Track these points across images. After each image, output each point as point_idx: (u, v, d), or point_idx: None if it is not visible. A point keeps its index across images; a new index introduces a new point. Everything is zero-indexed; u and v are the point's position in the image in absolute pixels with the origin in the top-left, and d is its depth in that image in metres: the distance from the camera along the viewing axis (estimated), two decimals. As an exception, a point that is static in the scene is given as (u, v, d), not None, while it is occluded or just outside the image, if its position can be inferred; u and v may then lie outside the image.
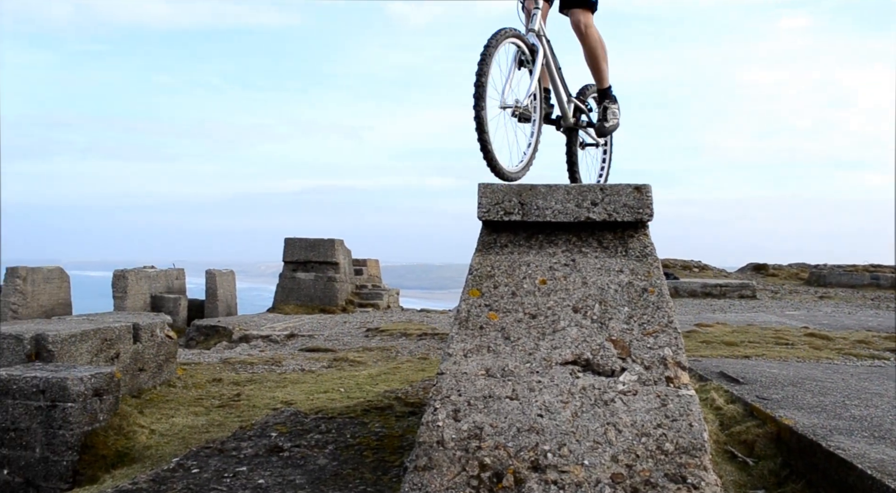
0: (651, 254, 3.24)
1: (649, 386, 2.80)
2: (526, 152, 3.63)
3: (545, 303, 3.11)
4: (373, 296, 17.77)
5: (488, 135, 3.29)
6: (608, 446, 2.63)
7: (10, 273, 14.54)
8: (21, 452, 4.74)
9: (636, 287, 3.12)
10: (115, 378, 5.12)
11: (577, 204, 3.26)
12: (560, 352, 2.94)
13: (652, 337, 2.96)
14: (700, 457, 2.59)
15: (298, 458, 3.74)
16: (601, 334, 2.98)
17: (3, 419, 4.77)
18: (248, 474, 3.49)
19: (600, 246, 3.29)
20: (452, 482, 2.56)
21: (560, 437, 2.66)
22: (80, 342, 5.66)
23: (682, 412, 2.71)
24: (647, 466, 2.56)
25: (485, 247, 3.37)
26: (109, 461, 4.65)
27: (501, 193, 3.33)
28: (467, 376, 2.88)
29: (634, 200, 3.23)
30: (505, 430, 2.69)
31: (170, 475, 3.51)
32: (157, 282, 16.97)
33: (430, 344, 9.60)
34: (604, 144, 4.63)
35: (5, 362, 5.30)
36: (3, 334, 5.42)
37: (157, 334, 6.62)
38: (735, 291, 15.41)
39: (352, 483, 3.34)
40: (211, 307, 17.43)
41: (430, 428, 2.71)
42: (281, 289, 16.70)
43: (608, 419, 2.71)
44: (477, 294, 3.18)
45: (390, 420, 4.52)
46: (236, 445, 3.99)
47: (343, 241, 17.33)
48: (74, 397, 4.72)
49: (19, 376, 4.82)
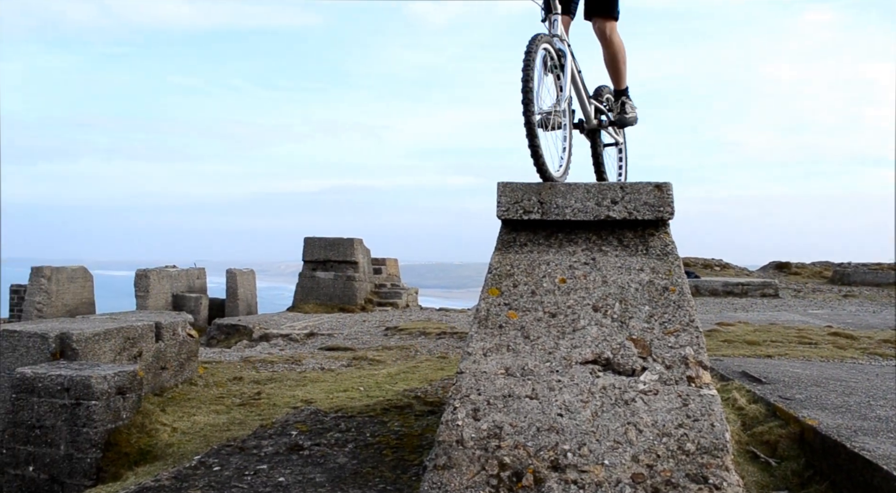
0: (672, 252, 3.22)
1: (670, 386, 2.78)
2: (563, 156, 3.62)
3: (565, 302, 3.10)
4: (392, 295, 17.81)
5: (539, 139, 3.23)
6: (628, 445, 2.61)
7: (35, 273, 14.76)
8: (46, 449, 4.81)
9: (657, 286, 3.10)
10: (137, 377, 5.18)
11: (597, 202, 3.24)
12: (580, 351, 2.92)
13: (673, 336, 2.93)
14: (722, 457, 2.56)
15: (318, 456, 3.75)
16: (621, 333, 2.96)
17: (29, 417, 4.84)
18: (268, 472, 3.52)
19: (620, 245, 3.27)
20: (472, 481, 2.56)
21: (580, 436, 2.64)
22: (104, 341, 5.73)
23: (703, 412, 2.68)
24: (668, 466, 2.54)
25: (504, 246, 3.37)
26: (132, 459, 4.70)
27: (521, 191, 3.32)
28: (487, 375, 2.88)
29: (655, 199, 3.21)
30: (524, 429, 2.68)
31: (192, 472, 3.54)
32: (178, 281, 17.14)
33: (449, 343, 9.61)
34: (621, 142, 4.67)
35: (31, 361, 5.37)
36: (29, 332, 5.50)
37: (179, 333, 6.68)
38: (757, 289, 15.25)
39: (371, 482, 3.35)
40: (231, 306, 17.57)
41: (450, 427, 2.71)
42: (300, 288, 16.79)
43: (629, 418, 2.69)
44: (496, 293, 3.17)
45: (409, 419, 4.53)
46: (257, 443, 4.01)
47: (362, 240, 17.39)
48: (98, 396, 4.78)
49: (44, 374, 4.89)
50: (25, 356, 5.42)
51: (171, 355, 6.50)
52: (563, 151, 3.61)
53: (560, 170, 3.55)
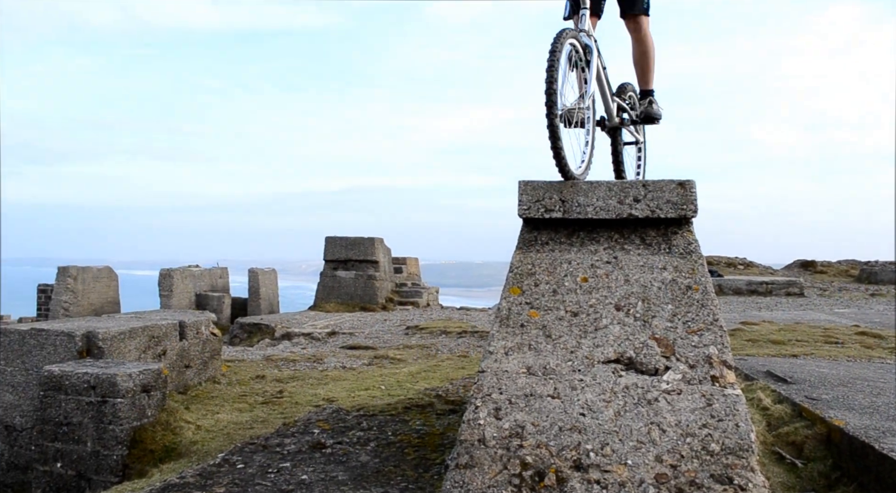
0: (695, 251, 3.19)
1: (694, 385, 2.76)
2: (585, 151, 3.58)
3: (587, 301, 3.08)
4: (412, 294, 17.85)
5: (562, 142, 3.20)
6: (652, 445, 2.59)
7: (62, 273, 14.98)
8: (73, 446, 4.88)
9: (680, 285, 3.07)
10: (162, 375, 5.24)
11: (620, 201, 3.22)
12: (602, 350, 2.91)
13: (696, 335, 2.91)
14: (747, 458, 2.53)
15: (341, 455, 3.77)
16: (644, 332, 2.94)
17: (57, 414, 4.92)
18: (291, 470, 3.54)
19: (643, 243, 3.25)
20: (494, 480, 2.55)
21: (603, 436, 2.63)
22: (129, 339, 5.80)
23: (728, 412, 2.66)
24: (693, 466, 2.52)
25: (525, 244, 3.36)
26: (157, 456, 4.76)
27: (542, 190, 3.30)
28: (508, 374, 2.87)
29: (678, 197, 3.18)
30: (546, 429, 2.67)
31: (216, 469, 3.57)
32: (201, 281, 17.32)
33: (470, 342, 9.60)
34: (641, 141, 4.65)
35: (58, 359, 5.46)
36: (56, 331, 5.59)
37: (203, 332, 6.75)
38: (782, 288, 15.07)
39: (394, 480, 3.35)
40: (254, 305, 17.72)
41: (472, 426, 2.71)
42: (322, 287, 16.88)
43: (652, 418, 2.67)
44: (518, 292, 3.16)
45: (431, 418, 4.53)
46: (280, 441, 4.04)
47: (383, 239, 17.44)
48: (124, 393, 4.84)
49: (71, 372, 4.96)
50: (53, 355, 5.50)
51: (195, 353, 6.57)
52: (585, 146, 3.58)
53: (581, 167, 3.52)
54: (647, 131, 4.66)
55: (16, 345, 5.62)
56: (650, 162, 4.73)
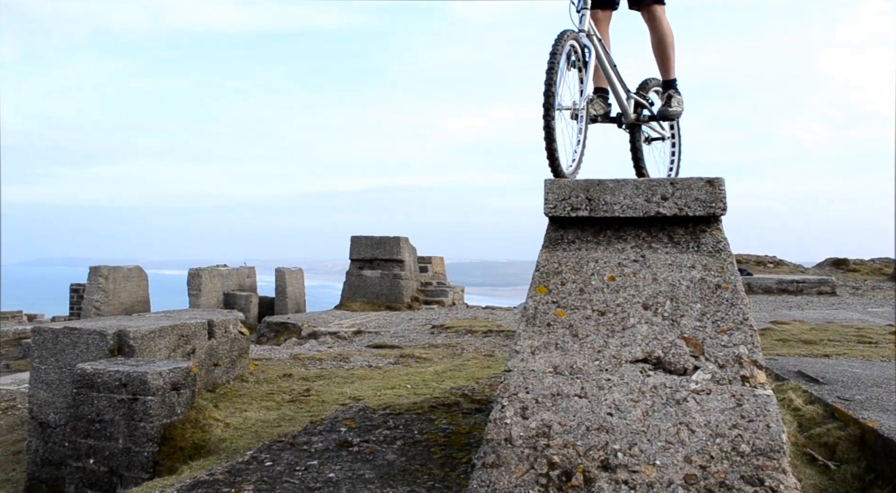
0: (724, 249, 3.15)
1: (724, 385, 2.72)
2: (577, 150, 3.63)
3: (614, 300, 3.06)
4: (438, 293, 17.87)
5: (556, 143, 3.32)
6: (681, 446, 2.57)
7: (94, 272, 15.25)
8: (105, 442, 4.96)
9: (709, 283, 3.03)
10: (191, 373, 5.30)
11: (647, 199, 3.19)
12: (630, 350, 2.88)
13: (726, 335, 2.87)
14: (778, 459, 2.50)
15: (367, 453, 3.79)
16: (672, 331, 2.91)
17: (89, 411, 5.01)
18: (318, 467, 3.56)
19: (671, 241, 3.22)
20: (521, 479, 2.54)
21: (630, 436, 2.61)
22: (159, 338, 5.88)
23: (758, 413, 2.62)
24: (722, 467, 2.49)
25: (551, 243, 3.34)
26: (187, 453, 4.82)
27: (568, 188, 3.29)
28: (535, 373, 2.86)
29: (706, 194, 3.14)
30: (574, 428, 2.66)
31: (244, 467, 3.61)
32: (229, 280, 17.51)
33: (496, 341, 9.59)
34: (671, 136, 4.56)
35: (90, 357, 5.55)
36: (88, 329, 5.69)
37: (231, 331, 6.82)
38: (813, 287, 14.82)
39: (420, 479, 3.36)
40: (280, 304, 17.87)
41: (498, 426, 2.70)
42: (348, 286, 16.97)
43: (680, 418, 2.64)
44: (544, 291, 3.15)
45: (457, 417, 4.53)
46: (307, 439, 4.07)
47: (408, 238, 17.48)
48: (154, 391, 4.91)
49: (103, 370, 5.05)
50: (85, 353, 5.60)
51: (223, 352, 6.64)
52: (577, 145, 3.62)
53: (572, 166, 3.59)
54: (679, 126, 4.57)
55: (49, 343, 5.73)
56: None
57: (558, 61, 3.30)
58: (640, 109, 4.25)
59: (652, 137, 4.45)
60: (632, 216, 3.22)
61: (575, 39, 3.54)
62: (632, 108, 4.17)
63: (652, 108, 4.30)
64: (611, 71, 3.94)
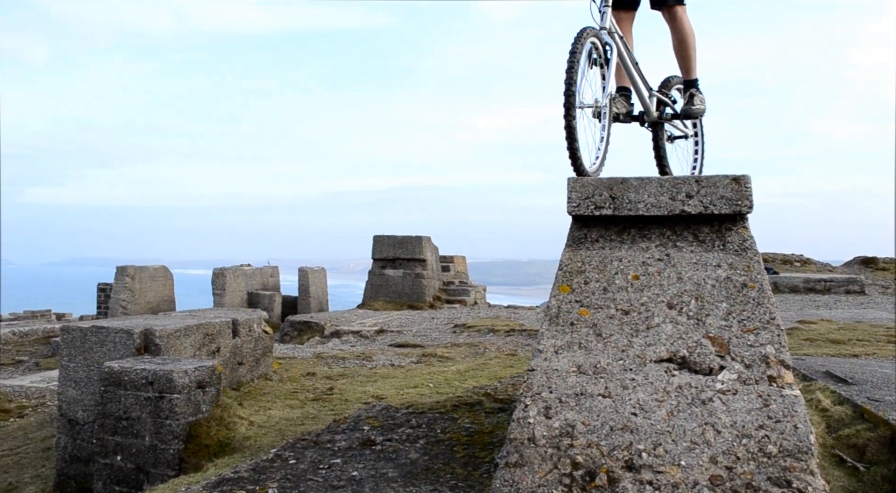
0: (751, 248, 3.11)
1: (750, 385, 2.69)
2: (600, 147, 3.61)
3: (638, 299, 3.04)
4: (460, 292, 17.86)
5: (578, 142, 3.31)
6: (706, 447, 2.54)
7: (120, 272, 15.46)
8: (132, 440, 5.03)
9: (735, 282, 3.00)
10: (216, 371, 5.36)
11: (671, 197, 3.16)
12: (654, 349, 2.86)
13: (752, 334, 2.84)
14: (806, 460, 2.46)
15: (390, 451, 3.79)
16: (698, 330, 2.88)
17: (117, 409, 5.08)
18: (342, 466, 3.58)
19: (696, 240, 3.18)
20: (544, 479, 2.54)
21: (655, 436, 2.59)
22: (184, 337, 5.95)
23: (785, 413, 2.59)
24: (749, 468, 2.46)
25: (575, 242, 3.32)
26: (212, 451, 4.87)
27: (592, 187, 3.27)
28: (558, 372, 2.85)
29: (732, 192, 3.11)
30: (597, 428, 2.64)
31: (268, 465, 3.63)
32: (253, 279, 17.65)
33: (518, 340, 9.56)
34: (694, 135, 4.52)
35: (117, 355, 5.63)
36: (116, 328, 5.76)
37: (255, 330, 6.88)
38: (841, 286, 14.59)
39: (443, 478, 3.36)
40: (304, 303, 17.98)
41: (521, 425, 2.69)
42: (370, 286, 17.02)
43: (706, 418, 2.61)
44: (567, 290, 3.13)
45: (479, 416, 4.53)
46: (330, 437, 4.09)
47: (430, 238, 17.49)
48: (180, 389, 4.97)
49: (130, 368, 5.11)
50: (113, 351, 5.68)
51: (248, 350, 6.70)
52: (600, 142, 3.60)
53: (595, 164, 3.58)
54: (703, 124, 4.54)
55: (78, 342, 5.82)
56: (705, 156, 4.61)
57: (578, 60, 3.29)
58: (662, 106, 4.23)
59: (675, 136, 4.42)
60: (656, 215, 3.19)
61: (596, 37, 3.53)
62: (654, 106, 4.15)
63: (674, 105, 4.27)
64: (633, 69, 3.92)
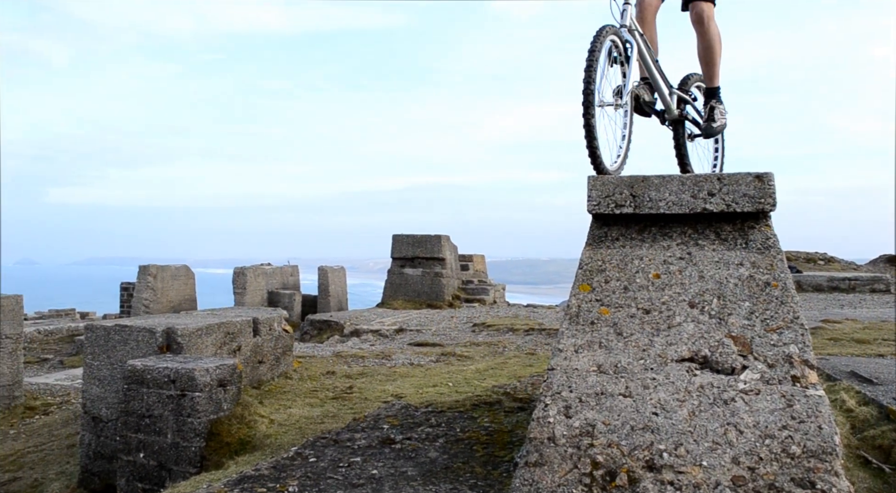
0: (774, 246, 3.07)
1: (773, 385, 2.66)
2: (622, 146, 3.59)
3: (659, 298, 3.01)
4: (479, 291, 17.84)
5: (598, 141, 3.29)
6: (728, 447, 2.51)
7: (143, 271, 15.63)
8: (155, 437, 5.08)
9: (758, 281, 2.96)
10: (237, 370, 5.40)
11: (693, 195, 3.13)
12: (676, 348, 2.83)
13: (776, 333, 2.80)
14: (830, 461, 2.43)
15: (410, 450, 3.80)
16: (720, 330, 2.85)
17: (139, 407, 5.13)
18: (361, 464, 3.59)
19: (718, 238, 3.15)
20: (564, 479, 2.52)
21: (676, 436, 2.56)
22: (206, 336, 6.00)
23: (809, 413, 2.55)
24: (772, 469, 2.43)
25: (595, 241, 3.30)
26: (233, 448, 4.90)
27: (612, 185, 3.25)
28: (578, 372, 2.83)
29: (755, 190, 3.07)
30: (618, 428, 2.63)
31: (289, 463, 3.65)
32: (273, 278, 17.77)
33: (537, 339, 9.53)
34: None
35: (140, 354, 5.69)
36: (138, 327, 5.83)
37: (275, 328, 6.92)
38: (866, 285, 14.39)
39: (462, 477, 3.36)
40: (323, 302, 18.06)
41: (541, 424, 2.68)
42: (389, 284, 17.07)
43: (728, 419, 2.59)
44: (587, 289, 3.12)
45: (499, 416, 4.52)
46: (350, 436, 4.10)
47: (449, 237, 17.50)
48: (201, 387, 5.01)
49: (153, 366, 5.17)
50: (135, 349, 5.74)
51: (268, 349, 6.74)
52: (621, 140, 3.57)
53: (617, 162, 3.56)
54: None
55: (101, 340, 5.90)
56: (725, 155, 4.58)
57: (597, 58, 3.27)
58: (683, 104, 4.20)
59: (695, 134, 4.39)
60: (677, 213, 3.16)
61: (616, 34, 3.51)
62: (675, 103, 4.12)
63: (695, 103, 4.24)
64: (653, 66, 3.89)
